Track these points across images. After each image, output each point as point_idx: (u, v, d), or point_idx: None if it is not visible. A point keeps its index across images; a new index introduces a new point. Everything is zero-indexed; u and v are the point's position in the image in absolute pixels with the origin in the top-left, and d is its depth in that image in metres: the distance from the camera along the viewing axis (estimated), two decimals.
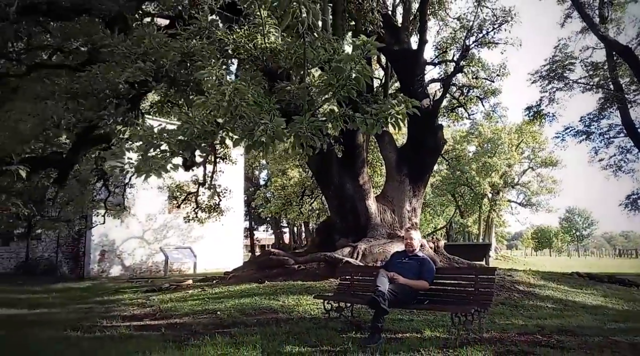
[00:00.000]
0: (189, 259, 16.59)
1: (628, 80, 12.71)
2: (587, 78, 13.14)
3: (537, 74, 13.19)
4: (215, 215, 13.75)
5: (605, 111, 13.49)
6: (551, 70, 12.85)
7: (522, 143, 31.31)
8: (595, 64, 12.93)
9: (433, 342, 4.22)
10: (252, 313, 6.10)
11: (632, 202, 14.80)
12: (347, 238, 9.36)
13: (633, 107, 12.47)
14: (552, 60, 12.91)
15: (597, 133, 14.30)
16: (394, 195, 10.12)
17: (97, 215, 13.18)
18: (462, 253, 11.23)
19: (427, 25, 10.23)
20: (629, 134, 11.93)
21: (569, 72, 12.71)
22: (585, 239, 75.29)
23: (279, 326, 5.14)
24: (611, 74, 12.17)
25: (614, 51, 11.63)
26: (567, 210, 72.51)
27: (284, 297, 6.96)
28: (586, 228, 72.62)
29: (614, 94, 11.69)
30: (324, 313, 5.52)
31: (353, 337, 4.51)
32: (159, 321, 6.07)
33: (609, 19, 13.15)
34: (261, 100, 3.26)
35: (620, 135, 13.77)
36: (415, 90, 10.01)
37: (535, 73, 13.30)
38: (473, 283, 4.55)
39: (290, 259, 8.80)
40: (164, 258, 16.06)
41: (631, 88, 12.82)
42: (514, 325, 5.04)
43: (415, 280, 4.64)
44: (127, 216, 14.49)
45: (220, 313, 6.27)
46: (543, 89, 13.19)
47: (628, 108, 12.05)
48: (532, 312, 5.92)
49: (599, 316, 5.84)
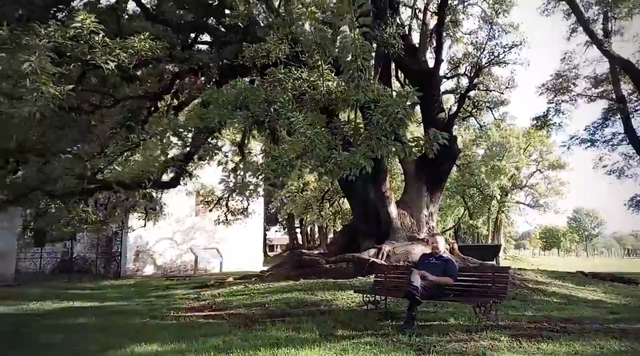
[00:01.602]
0: (215, 259, 17.69)
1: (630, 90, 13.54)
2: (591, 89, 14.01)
3: (544, 87, 14.11)
4: (242, 217, 14.80)
5: (609, 120, 14.36)
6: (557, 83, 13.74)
7: (530, 147, 32.11)
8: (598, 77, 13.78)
9: (457, 328, 5.20)
10: (297, 306, 7.10)
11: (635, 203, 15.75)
12: (370, 241, 10.35)
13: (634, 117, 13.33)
14: (558, 74, 13.83)
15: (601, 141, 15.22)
16: (412, 201, 11.09)
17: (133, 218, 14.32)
18: (474, 253, 12.16)
19: (442, 46, 11.19)
20: (631, 142, 12.77)
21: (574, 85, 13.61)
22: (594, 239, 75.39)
23: (326, 316, 6.14)
24: (614, 86, 13.02)
25: (617, 65, 12.49)
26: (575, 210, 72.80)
27: (321, 293, 7.96)
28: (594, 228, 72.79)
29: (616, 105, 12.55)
30: (361, 305, 6.52)
31: (390, 324, 5.50)
32: (218, 312, 7.10)
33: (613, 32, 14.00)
34: (330, 140, 4.29)
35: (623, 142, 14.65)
36: (431, 105, 10.97)
37: (542, 86, 14.24)
38: (490, 279, 5.53)
39: (321, 259, 9.81)
40: (193, 258, 17.19)
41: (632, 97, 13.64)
42: (524, 316, 5.97)
43: (441, 277, 5.62)
44: (162, 219, 15.58)
45: (268, 306, 7.29)
46: (550, 101, 14.13)
47: (630, 117, 12.90)
48: (539, 305, 6.84)
49: (597, 309, 6.75)
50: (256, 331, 5.47)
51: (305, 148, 4.26)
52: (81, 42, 4.10)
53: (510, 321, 5.59)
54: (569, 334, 4.94)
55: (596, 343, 4.51)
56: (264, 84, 5.04)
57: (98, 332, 5.67)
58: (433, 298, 5.70)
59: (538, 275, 9.51)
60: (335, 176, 4.11)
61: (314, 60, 4.97)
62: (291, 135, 4.54)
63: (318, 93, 4.84)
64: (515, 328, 5.24)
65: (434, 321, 5.63)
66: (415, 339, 4.72)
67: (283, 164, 4.11)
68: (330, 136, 4.43)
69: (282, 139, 6.54)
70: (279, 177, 4.15)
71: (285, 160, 4.03)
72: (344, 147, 4.71)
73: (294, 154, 4.32)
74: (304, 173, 12.33)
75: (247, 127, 4.84)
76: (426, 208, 11.05)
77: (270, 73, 4.80)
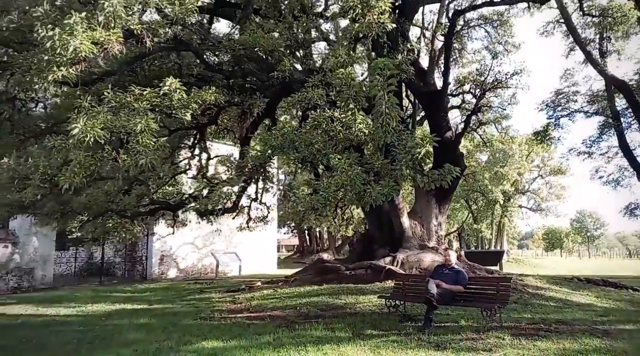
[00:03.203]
0: (234, 262, 18.76)
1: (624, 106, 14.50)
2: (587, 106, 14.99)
3: (544, 103, 15.14)
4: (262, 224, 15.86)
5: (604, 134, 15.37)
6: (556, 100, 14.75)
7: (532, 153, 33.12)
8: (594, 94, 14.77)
9: (468, 328, 6.22)
10: (326, 308, 8.13)
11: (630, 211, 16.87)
12: (384, 249, 11.39)
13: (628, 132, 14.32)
14: (558, 92, 14.84)
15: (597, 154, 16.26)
16: (422, 211, 12.13)
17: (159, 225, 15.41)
18: (480, 259, 13.19)
19: (450, 70, 12.20)
20: (625, 155, 13.74)
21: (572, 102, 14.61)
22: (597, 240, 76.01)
23: (354, 317, 7.18)
24: (609, 103, 13.99)
25: (612, 85, 13.45)
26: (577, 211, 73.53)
27: (344, 297, 8.99)
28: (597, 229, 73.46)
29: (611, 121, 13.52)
30: (382, 308, 7.55)
31: (410, 325, 6.53)
32: (257, 314, 8.13)
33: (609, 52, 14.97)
34: (365, 177, 5.34)
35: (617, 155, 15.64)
36: (439, 124, 12.00)
37: (542, 102, 15.27)
38: (495, 287, 6.55)
39: (342, 266, 10.86)
40: (212, 261, 18.27)
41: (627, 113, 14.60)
42: (524, 318, 6.98)
43: (454, 285, 6.66)
44: (187, 224, 16.68)
45: (299, 308, 8.33)
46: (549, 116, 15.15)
47: (624, 132, 13.88)
48: (537, 309, 7.84)
49: (588, 312, 7.75)
50: (297, 330, 6.49)
51: (344, 184, 5.31)
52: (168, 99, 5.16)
53: (512, 322, 6.59)
54: (560, 334, 5.95)
55: (582, 341, 5.52)
56: (306, 125, 6.08)
57: (164, 331, 6.72)
58: (447, 304, 6.73)
59: (537, 280, 10.52)
60: (368, 206, 5.15)
61: (348, 108, 6.03)
62: (330, 170, 5.59)
63: (351, 134, 5.89)
64: (517, 328, 6.25)
65: (448, 323, 6.65)
66: (433, 338, 5.75)
67: (327, 197, 5.16)
68: (364, 173, 5.48)
69: (322, 174, 7.58)
70: (321, 208, 5.18)
71: (327, 194, 5.07)
72: (374, 180, 5.76)
73: (334, 188, 5.37)
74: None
75: (296, 163, 5.85)
76: (435, 218, 12.08)
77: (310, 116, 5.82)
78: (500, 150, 30.74)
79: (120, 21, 4.69)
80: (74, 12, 4.38)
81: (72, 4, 4.78)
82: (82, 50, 4.31)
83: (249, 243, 20.23)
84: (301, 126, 6.37)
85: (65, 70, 4.47)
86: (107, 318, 8.09)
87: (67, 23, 4.27)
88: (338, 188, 5.46)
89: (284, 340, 5.91)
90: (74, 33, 4.24)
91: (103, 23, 4.58)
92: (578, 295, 9.46)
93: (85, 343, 6.09)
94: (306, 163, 5.44)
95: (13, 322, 7.93)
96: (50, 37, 4.19)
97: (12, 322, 7.93)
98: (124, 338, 6.34)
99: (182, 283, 15.23)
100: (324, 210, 5.38)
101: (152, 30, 5.37)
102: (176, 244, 18.08)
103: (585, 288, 10.35)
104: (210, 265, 18.93)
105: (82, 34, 4.31)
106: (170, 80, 5.12)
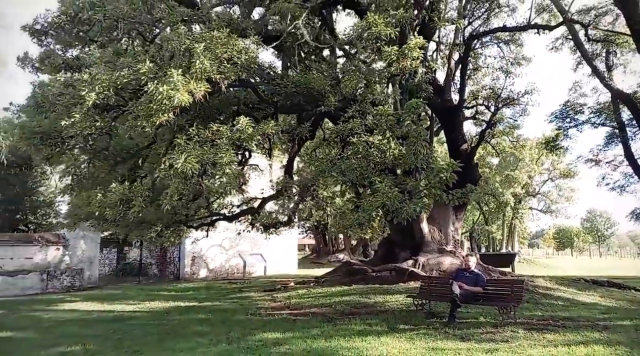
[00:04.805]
0: (260, 263, 19.96)
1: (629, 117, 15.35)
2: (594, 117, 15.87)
3: (553, 115, 16.07)
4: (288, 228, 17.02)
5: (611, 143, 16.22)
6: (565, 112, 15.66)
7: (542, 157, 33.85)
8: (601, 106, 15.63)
9: (486, 324, 7.27)
10: (359, 307, 9.22)
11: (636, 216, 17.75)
12: (406, 252, 12.46)
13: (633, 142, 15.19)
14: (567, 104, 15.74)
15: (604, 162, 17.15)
16: (440, 217, 13.17)
17: None
18: (494, 261, 14.20)
19: (465, 88, 13.21)
20: (630, 164, 14.59)
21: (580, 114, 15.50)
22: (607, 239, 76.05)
23: (386, 314, 8.26)
24: (615, 114, 14.86)
25: (618, 98, 14.33)
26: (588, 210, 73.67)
27: (373, 296, 10.07)
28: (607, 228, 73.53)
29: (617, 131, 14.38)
30: (409, 307, 8.63)
31: (436, 321, 7.60)
32: (297, 311, 9.24)
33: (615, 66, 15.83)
34: (401, 197, 6.46)
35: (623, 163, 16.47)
36: (456, 138, 13.03)
37: (552, 114, 16.20)
38: (510, 288, 7.61)
39: (368, 268, 11.96)
40: (239, 261, 19.51)
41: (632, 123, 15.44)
42: (535, 315, 8.00)
43: (474, 287, 7.72)
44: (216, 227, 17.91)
45: (334, 306, 9.43)
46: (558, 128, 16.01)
47: (629, 142, 14.74)
48: (547, 307, 8.85)
49: (592, 310, 8.75)
50: (339, 325, 7.59)
51: (385, 203, 6.42)
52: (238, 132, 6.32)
53: (525, 319, 7.62)
54: (567, 328, 6.97)
55: (584, 334, 6.55)
56: (347, 150, 7.20)
57: (224, 325, 7.87)
58: (468, 303, 7.80)
59: (547, 281, 11.51)
60: (405, 221, 6.28)
61: (385, 136, 7.14)
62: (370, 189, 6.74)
63: (386, 158, 6.99)
64: (529, 324, 7.28)
65: (469, 319, 7.70)
66: (458, 331, 6.82)
67: (370, 213, 6.28)
68: (400, 194, 6.58)
69: (363, 192, 8.68)
70: (366, 223, 6.30)
71: (371, 211, 6.19)
72: (408, 198, 6.85)
73: (376, 205, 6.48)
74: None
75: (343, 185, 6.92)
76: (452, 224, 13.12)
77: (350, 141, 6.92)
78: (510, 154, 31.58)
79: (206, 73, 5.86)
80: (173, 70, 5.57)
81: (169, 61, 5.94)
82: (182, 101, 5.49)
83: (272, 244, 21.40)
84: (343, 151, 7.50)
85: (167, 115, 5.65)
86: (169, 314, 9.29)
87: (171, 80, 5.45)
88: (379, 206, 6.57)
89: (330, 332, 7.00)
90: (176, 87, 5.42)
91: (194, 76, 5.76)
92: (584, 295, 10.43)
93: (164, 335, 7.26)
94: (352, 184, 6.50)
95: (90, 317, 9.18)
96: (160, 92, 5.37)
97: (89, 317, 9.18)
98: (193, 331, 7.50)
99: (215, 282, 16.47)
100: (368, 224, 6.50)
101: (226, 76, 6.53)
102: (205, 246, 19.33)
103: (591, 288, 11.32)
104: (237, 266, 20.15)
105: (182, 88, 5.49)
106: (242, 119, 6.28)
